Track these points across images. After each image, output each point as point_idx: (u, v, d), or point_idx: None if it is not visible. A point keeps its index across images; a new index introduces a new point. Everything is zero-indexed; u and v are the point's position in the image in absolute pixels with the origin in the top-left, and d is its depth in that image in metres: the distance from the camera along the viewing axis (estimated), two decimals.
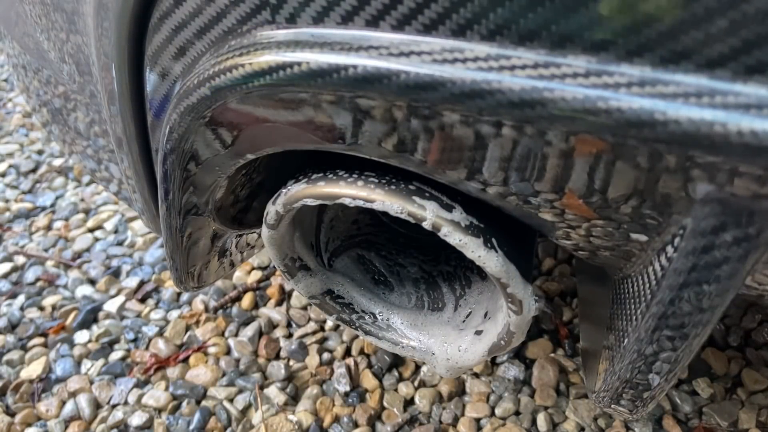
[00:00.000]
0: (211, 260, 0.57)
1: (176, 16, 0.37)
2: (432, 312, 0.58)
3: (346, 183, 0.40)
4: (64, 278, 1.04)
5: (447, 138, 0.32)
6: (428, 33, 0.29)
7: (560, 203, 0.33)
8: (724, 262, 0.30)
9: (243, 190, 0.50)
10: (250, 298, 0.96)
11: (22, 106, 1.52)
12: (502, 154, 0.31)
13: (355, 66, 0.30)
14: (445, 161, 0.33)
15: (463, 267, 0.60)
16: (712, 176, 0.27)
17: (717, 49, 0.25)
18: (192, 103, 0.37)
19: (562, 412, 0.78)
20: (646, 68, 0.26)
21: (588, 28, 0.26)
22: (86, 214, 1.19)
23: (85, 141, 0.62)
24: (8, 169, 1.31)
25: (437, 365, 0.53)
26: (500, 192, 0.33)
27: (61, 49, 0.53)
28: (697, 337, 0.34)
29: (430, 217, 0.38)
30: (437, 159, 0.33)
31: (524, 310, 0.42)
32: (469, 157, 0.32)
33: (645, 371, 0.38)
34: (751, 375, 0.79)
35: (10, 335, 0.93)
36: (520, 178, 0.32)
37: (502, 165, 0.32)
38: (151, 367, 0.87)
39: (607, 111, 0.26)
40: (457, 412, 0.79)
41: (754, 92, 0.25)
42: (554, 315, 0.88)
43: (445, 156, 0.33)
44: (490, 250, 0.39)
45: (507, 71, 0.28)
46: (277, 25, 0.33)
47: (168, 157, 0.42)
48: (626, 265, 0.37)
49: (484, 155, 0.32)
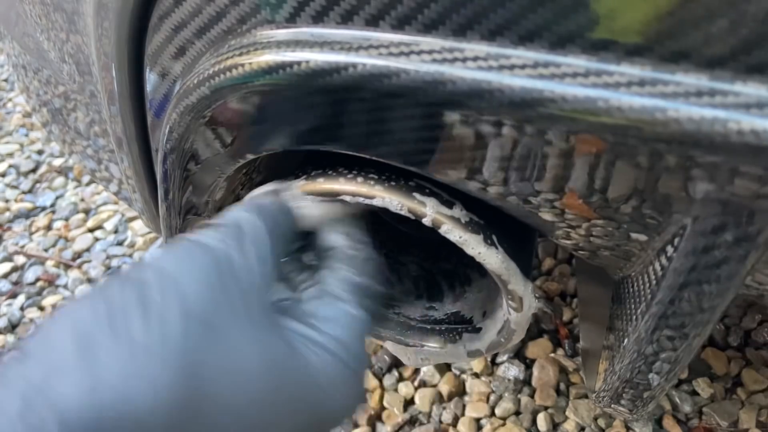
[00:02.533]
0: None
1: (176, 16, 0.37)
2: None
3: (345, 179, 0.40)
4: (64, 278, 1.04)
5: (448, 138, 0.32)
6: (428, 32, 0.29)
7: (560, 203, 0.33)
8: (724, 262, 0.30)
9: (243, 189, 0.50)
10: None
11: (22, 106, 1.52)
12: (501, 154, 0.31)
13: (355, 65, 0.30)
14: (446, 161, 0.33)
15: (463, 265, 0.60)
16: (713, 176, 0.27)
17: (717, 49, 0.25)
18: (192, 102, 0.37)
19: (562, 412, 0.78)
20: (646, 68, 0.26)
21: (588, 28, 0.26)
22: (86, 214, 1.19)
23: (85, 141, 0.62)
24: (8, 169, 1.31)
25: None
26: (500, 192, 0.33)
27: (61, 49, 0.53)
28: (697, 337, 0.34)
29: (430, 214, 0.38)
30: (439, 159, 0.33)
31: (524, 307, 0.42)
32: (469, 157, 0.32)
33: (645, 371, 0.38)
34: (751, 375, 0.79)
35: (10, 335, 0.93)
36: (520, 178, 0.32)
37: (501, 165, 0.32)
38: None
39: (607, 111, 0.26)
40: (457, 412, 0.79)
41: (754, 92, 0.25)
42: (554, 315, 0.88)
43: (447, 156, 0.33)
44: (490, 247, 0.39)
45: (507, 71, 0.28)
46: (277, 24, 0.33)
47: (168, 156, 0.42)
48: (626, 265, 0.37)
49: (484, 155, 0.32)
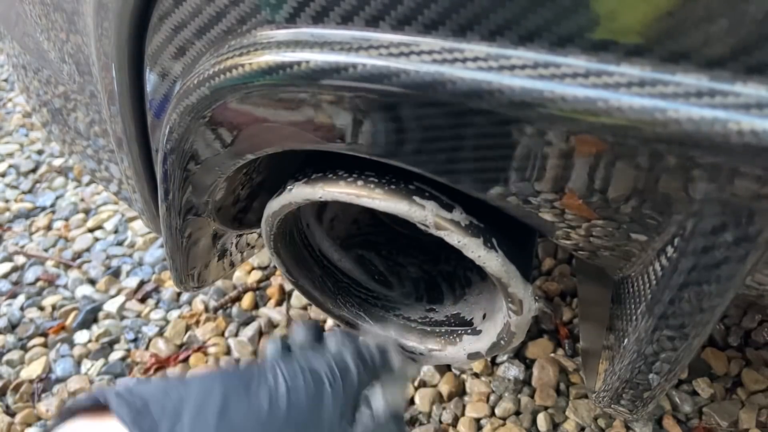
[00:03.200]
0: (211, 260, 0.57)
1: (176, 16, 0.37)
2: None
3: (345, 183, 0.40)
4: (64, 278, 1.04)
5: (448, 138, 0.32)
6: (428, 33, 0.29)
7: (560, 203, 0.33)
8: (724, 262, 0.30)
9: (243, 190, 0.50)
10: (250, 298, 0.96)
11: (22, 106, 1.52)
12: (501, 154, 0.31)
13: (355, 65, 0.30)
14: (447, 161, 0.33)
15: (463, 267, 0.60)
16: (713, 176, 0.27)
17: (717, 49, 0.25)
18: (192, 103, 0.37)
19: (562, 412, 0.78)
20: (646, 69, 0.26)
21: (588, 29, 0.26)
22: (86, 214, 1.19)
23: (85, 141, 0.62)
24: (8, 169, 1.31)
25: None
26: (500, 192, 0.33)
27: (61, 49, 0.53)
28: (697, 337, 0.34)
29: (430, 217, 0.38)
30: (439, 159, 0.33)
31: (524, 310, 0.42)
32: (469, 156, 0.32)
33: (645, 371, 0.38)
34: (751, 375, 0.79)
35: (10, 335, 0.93)
36: (520, 178, 0.32)
37: (501, 165, 0.32)
38: (151, 367, 0.87)
39: (607, 111, 0.26)
40: (457, 412, 0.79)
41: (754, 92, 0.25)
42: (554, 315, 0.88)
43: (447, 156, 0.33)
44: (490, 250, 0.39)
45: (507, 71, 0.28)
46: (277, 24, 0.33)
47: (168, 157, 0.42)
48: (626, 265, 0.37)
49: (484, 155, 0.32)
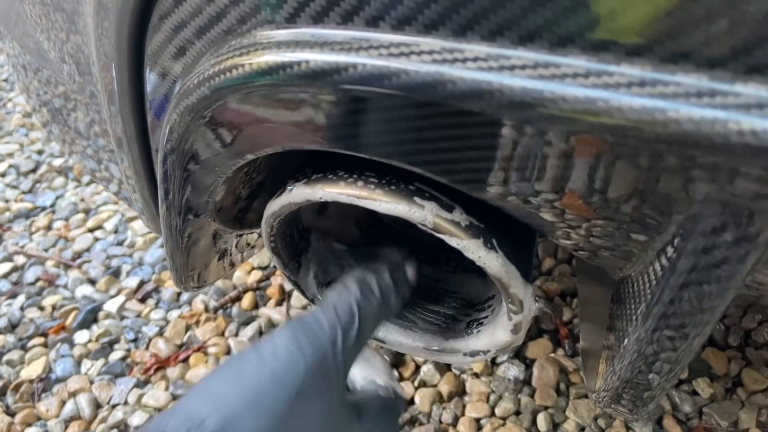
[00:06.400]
0: (211, 260, 0.57)
1: (176, 16, 0.37)
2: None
3: (346, 183, 0.40)
4: (64, 278, 1.04)
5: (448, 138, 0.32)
6: (428, 33, 0.29)
7: (560, 203, 0.33)
8: (724, 262, 0.30)
9: (243, 190, 0.50)
10: (250, 298, 0.96)
11: (22, 106, 1.52)
12: (501, 154, 0.31)
13: (356, 66, 0.30)
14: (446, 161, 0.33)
15: (463, 267, 0.60)
16: (713, 176, 0.27)
17: (717, 49, 0.25)
18: (192, 103, 0.37)
19: (562, 412, 0.78)
20: (646, 69, 0.26)
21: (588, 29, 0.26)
22: (86, 214, 1.19)
23: (85, 141, 0.62)
24: (8, 169, 1.31)
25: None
26: (500, 192, 0.33)
27: (61, 49, 0.53)
28: (697, 337, 0.34)
29: (430, 217, 0.38)
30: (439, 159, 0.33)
31: (524, 310, 0.42)
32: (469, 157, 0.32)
33: (645, 371, 0.38)
34: (751, 375, 0.79)
35: (10, 335, 0.93)
36: (521, 178, 0.32)
37: (501, 165, 0.32)
38: (151, 367, 0.87)
39: (607, 111, 0.26)
40: (457, 412, 0.79)
41: (754, 93, 0.25)
42: (554, 315, 0.88)
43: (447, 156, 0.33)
44: (490, 251, 0.39)
45: (507, 71, 0.28)
46: (277, 24, 0.33)
47: (168, 157, 0.42)
48: (626, 265, 0.37)
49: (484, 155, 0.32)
